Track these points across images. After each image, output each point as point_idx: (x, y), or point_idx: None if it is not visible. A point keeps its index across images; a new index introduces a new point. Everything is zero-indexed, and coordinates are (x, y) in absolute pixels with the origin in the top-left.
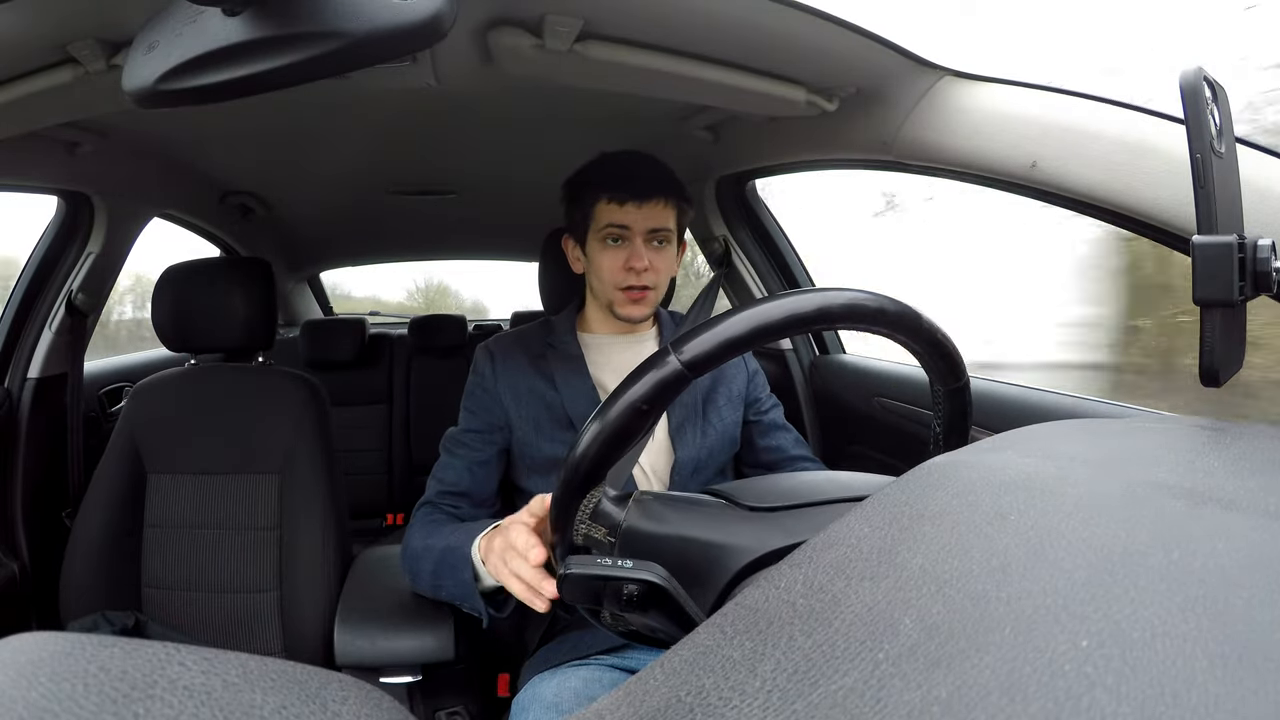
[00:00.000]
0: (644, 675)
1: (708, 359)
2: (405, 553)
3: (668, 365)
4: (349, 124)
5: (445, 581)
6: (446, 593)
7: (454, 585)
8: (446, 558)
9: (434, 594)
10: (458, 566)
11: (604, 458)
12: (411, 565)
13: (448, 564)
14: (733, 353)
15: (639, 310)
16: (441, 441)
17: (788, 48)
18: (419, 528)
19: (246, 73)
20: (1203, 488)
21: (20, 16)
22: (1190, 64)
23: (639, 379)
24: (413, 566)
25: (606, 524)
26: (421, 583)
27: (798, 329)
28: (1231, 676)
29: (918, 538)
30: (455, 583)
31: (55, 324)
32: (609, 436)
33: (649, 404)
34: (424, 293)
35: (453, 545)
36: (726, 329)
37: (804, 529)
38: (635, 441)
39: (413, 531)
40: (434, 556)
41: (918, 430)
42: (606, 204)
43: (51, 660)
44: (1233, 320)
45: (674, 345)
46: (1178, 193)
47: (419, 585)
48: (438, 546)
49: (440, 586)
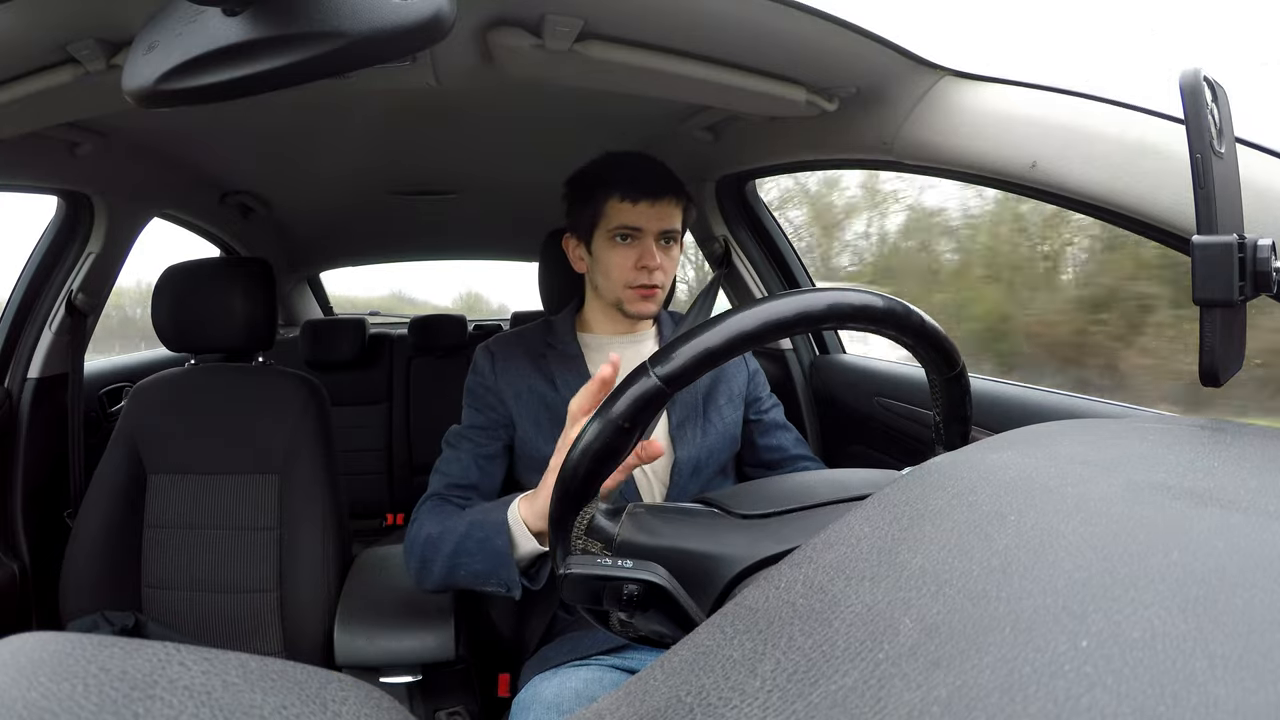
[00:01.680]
0: (644, 675)
1: (685, 373)
2: (414, 541)
3: (646, 382)
4: (349, 124)
5: (468, 559)
6: (467, 570)
7: (481, 558)
8: (473, 532)
9: (447, 578)
10: (488, 537)
11: (592, 475)
12: (421, 552)
13: (474, 538)
14: (712, 364)
15: (649, 307)
16: (444, 438)
17: (788, 48)
18: (430, 516)
19: (246, 73)
20: (1203, 488)
21: (20, 16)
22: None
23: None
24: (423, 553)
25: (601, 539)
26: (434, 568)
27: (778, 334)
28: (1231, 676)
29: (918, 538)
30: (485, 555)
31: (55, 324)
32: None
33: (630, 422)
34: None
35: (479, 520)
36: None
37: (795, 534)
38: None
39: (422, 521)
40: (454, 536)
41: (918, 430)
42: (619, 203)
43: (51, 660)
44: (1233, 320)
45: (652, 360)
46: (1178, 193)
47: (429, 572)
48: (459, 526)
49: (459, 565)
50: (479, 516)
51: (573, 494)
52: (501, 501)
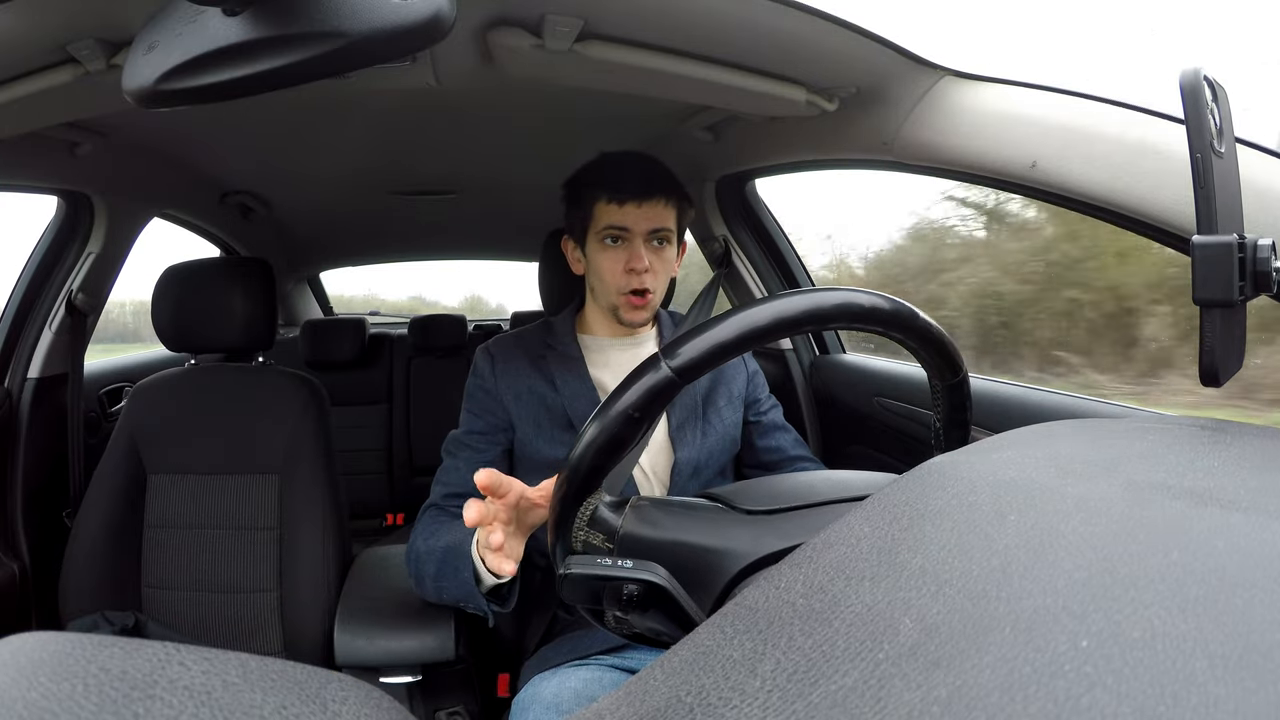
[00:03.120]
0: (644, 675)
1: (698, 365)
2: (410, 554)
3: (659, 372)
4: (349, 124)
5: (447, 583)
6: (449, 594)
7: (455, 586)
8: (448, 558)
9: (437, 597)
10: (458, 567)
11: (599, 465)
12: (416, 569)
13: (449, 565)
14: (723, 357)
15: (640, 315)
16: (444, 445)
17: (788, 48)
18: (424, 530)
19: (246, 73)
20: (1203, 488)
21: (20, 16)
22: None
23: (630, 386)
24: (417, 570)
25: (604, 530)
26: (425, 586)
27: (788, 331)
28: (1231, 676)
29: (917, 538)
30: (456, 583)
31: (55, 324)
32: (603, 444)
33: (640, 411)
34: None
35: (451, 545)
36: (716, 334)
37: (799, 531)
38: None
39: (416, 535)
40: (436, 559)
41: (918, 430)
42: (606, 204)
43: (51, 660)
44: (1233, 320)
45: (664, 352)
46: (1178, 193)
47: (424, 589)
48: (439, 548)
49: (443, 589)
50: (453, 541)
51: (578, 484)
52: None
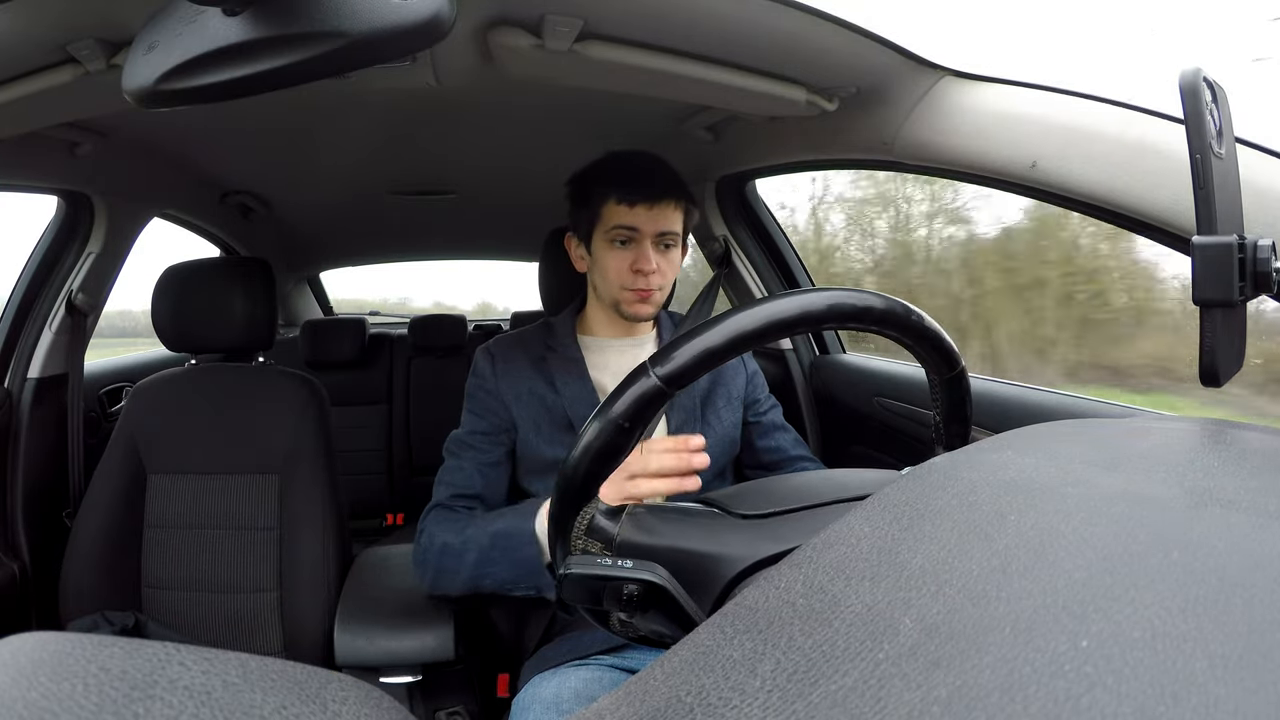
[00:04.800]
0: (644, 675)
1: (686, 372)
2: (430, 551)
3: (647, 381)
4: (349, 124)
5: (494, 567)
6: (494, 579)
7: (507, 566)
8: (499, 542)
9: (473, 584)
10: (516, 546)
11: (594, 472)
12: (439, 561)
13: (500, 547)
14: (713, 363)
15: (645, 309)
16: (445, 446)
17: (788, 48)
18: (441, 526)
19: (246, 73)
20: (1203, 488)
21: (20, 16)
22: (1190, 64)
23: (619, 396)
24: (440, 562)
25: (601, 539)
26: (457, 577)
27: (779, 334)
28: (1231, 676)
29: (918, 538)
30: (512, 563)
31: (55, 324)
32: (596, 452)
33: (630, 420)
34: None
35: (505, 530)
36: (704, 341)
37: (796, 534)
38: (622, 458)
39: (433, 531)
40: (479, 545)
41: (918, 430)
42: (616, 204)
43: (51, 660)
44: (1233, 320)
45: (653, 360)
46: (1178, 193)
47: (450, 581)
48: (481, 537)
49: (486, 575)
50: (503, 526)
51: (574, 493)
52: (526, 510)
